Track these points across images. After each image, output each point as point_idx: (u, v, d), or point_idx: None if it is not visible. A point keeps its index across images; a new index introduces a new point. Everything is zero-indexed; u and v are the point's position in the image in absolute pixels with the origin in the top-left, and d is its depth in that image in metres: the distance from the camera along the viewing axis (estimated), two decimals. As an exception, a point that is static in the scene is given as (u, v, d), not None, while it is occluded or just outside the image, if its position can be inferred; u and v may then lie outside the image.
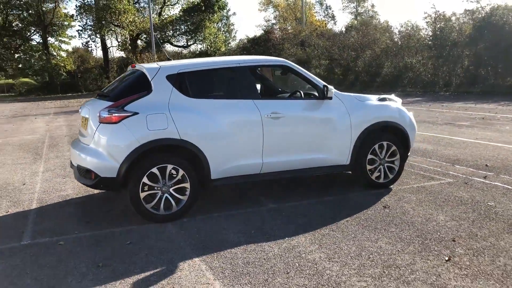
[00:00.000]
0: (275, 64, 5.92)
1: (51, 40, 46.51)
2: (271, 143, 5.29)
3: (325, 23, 62.52)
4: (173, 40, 43.34)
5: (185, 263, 3.87)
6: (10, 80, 48.02)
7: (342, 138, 5.62)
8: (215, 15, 40.67)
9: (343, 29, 43.40)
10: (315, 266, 3.74)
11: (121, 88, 5.14)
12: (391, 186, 6.00)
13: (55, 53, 46.37)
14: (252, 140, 5.21)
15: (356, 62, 30.22)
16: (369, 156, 5.78)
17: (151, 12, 41.20)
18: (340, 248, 4.07)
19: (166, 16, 43.25)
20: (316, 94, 5.68)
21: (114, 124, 4.72)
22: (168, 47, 44.08)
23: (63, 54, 47.59)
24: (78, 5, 40.96)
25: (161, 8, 43.44)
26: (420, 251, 3.96)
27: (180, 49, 43.95)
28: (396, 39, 29.99)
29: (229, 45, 45.79)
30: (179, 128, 4.84)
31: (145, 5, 41.82)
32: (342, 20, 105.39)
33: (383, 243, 4.15)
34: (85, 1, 40.23)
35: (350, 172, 5.96)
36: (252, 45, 39.40)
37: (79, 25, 43.79)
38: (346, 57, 31.23)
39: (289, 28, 39.89)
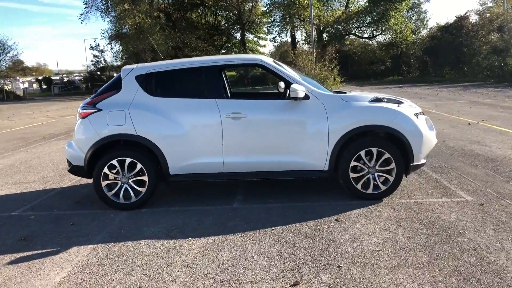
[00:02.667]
0: (249, 63, 5.75)
1: (250, 36, 50.72)
2: (231, 143, 5.25)
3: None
4: (358, 32, 42.68)
5: (76, 248, 4.28)
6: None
7: (316, 142, 5.21)
8: (403, 4, 38.53)
9: None
10: (162, 269, 3.74)
11: (104, 87, 5.73)
12: (385, 198, 5.30)
13: (253, 49, 50.45)
14: (211, 139, 5.25)
15: None
16: (353, 163, 5.22)
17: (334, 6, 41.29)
18: (216, 256, 3.95)
19: (352, 7, 42.78)
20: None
21: (82, 119, 5.37)
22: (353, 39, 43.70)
23: (262, 49, 51.41)
24: (268, 3, 43.50)
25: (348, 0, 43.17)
26: (283, 271, 3.59)
27: (365, 40, 43.19)
28: None
29: (420, 34, 42.84)
30: (136, 124, 5.22)
31: (331, -1, 42.27)
32: None
33: (263, 258, 3.86)
34: (274, -1, 42.53)
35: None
36: (442, 34, 36.32)
37: (268, 21, 46.19)
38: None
39: (487, 12, 35.36)
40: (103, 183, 5.32)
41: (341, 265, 3.65)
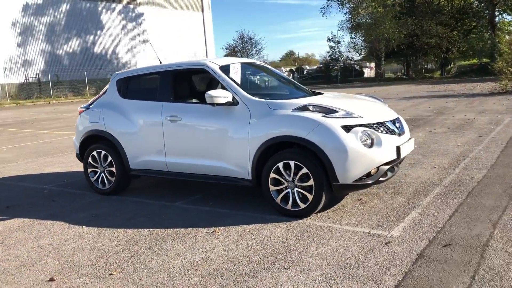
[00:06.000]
0: (194, 68, 5.70)
1: (507, 18, 44.41)
2: (170, 144, 5.51)
3: None
4: None
5: (16, 219, 5.27)
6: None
7: (239, 149, 4.99)
8: None
9: None
10: (15, 247, 4.41)
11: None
12: (307, 217, 4.74)
13: (510, 32, 44.11)
14: (155, 139, 5.62)
15: None
16: (273, 175, 4.82)
17: None
18: (62, 245, 4.38)
19: None
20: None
21: (79, 115, 6.43)
22: None
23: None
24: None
25: None
26: (70, 267, 3.85)
27: None
28: None
29: None
30: (105, 122, 5.99)
31: None
32: None
33: (83, 254, 4.13)
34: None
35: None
36: None
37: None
38: None
39: None
40: (89, 170, 6.28)
41: (114, 273, 3.68)
